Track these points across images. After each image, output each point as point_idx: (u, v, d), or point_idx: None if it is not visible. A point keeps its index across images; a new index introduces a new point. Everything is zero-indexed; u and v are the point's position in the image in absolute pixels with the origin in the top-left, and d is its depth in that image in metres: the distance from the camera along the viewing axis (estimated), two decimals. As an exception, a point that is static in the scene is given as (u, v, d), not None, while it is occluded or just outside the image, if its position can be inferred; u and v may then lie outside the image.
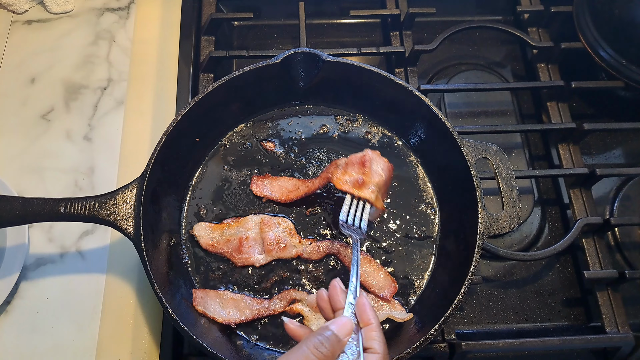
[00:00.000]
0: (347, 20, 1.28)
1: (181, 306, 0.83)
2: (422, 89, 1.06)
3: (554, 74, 1.16)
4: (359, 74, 0.96)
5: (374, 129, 1.03)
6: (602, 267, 0.99)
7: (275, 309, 0.88)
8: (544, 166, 1.13)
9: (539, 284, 1.03)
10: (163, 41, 1.16)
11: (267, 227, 0.92)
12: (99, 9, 1.18)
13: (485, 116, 1.18)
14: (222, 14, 1.18)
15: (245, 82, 0.95)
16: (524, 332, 0.99)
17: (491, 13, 1.29)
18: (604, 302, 0.97)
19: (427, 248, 0.94)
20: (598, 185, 1.07)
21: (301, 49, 0.95)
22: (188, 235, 0.94)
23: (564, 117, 1.12)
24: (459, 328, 0.99)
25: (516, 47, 1.27)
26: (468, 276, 0.80)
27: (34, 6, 1.18)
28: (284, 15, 1.27)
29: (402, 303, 0.90)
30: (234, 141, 1.02)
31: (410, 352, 0.77)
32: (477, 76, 1.22)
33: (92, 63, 1.12)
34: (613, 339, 0.93)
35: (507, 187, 0.88)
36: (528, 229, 1.08)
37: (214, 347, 0.77)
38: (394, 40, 1.18)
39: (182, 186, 0.97)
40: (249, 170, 0.99)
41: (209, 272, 0.91)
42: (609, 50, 1.08)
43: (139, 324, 0.92)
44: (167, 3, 1.20)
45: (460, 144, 0.89)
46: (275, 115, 1.04)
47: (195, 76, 1.12)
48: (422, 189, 0.99)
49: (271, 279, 0.91)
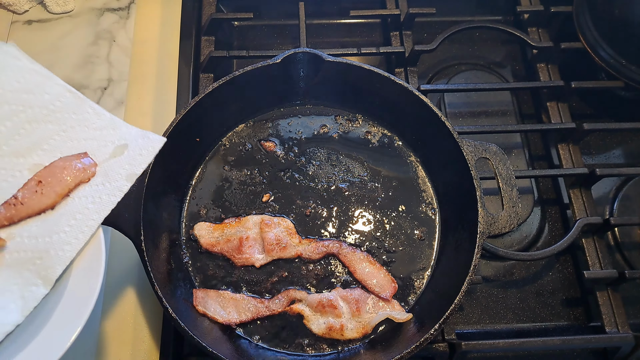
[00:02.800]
0: (347, 20, 1.28)
1: (181, 306, 0.84)
2: (422, 89, 1.06)
3: (554, 74, 1.16)
4: (359, 74, 0.96)
5: (374, 129, 1.03)
6: (602, 267, 0.99)
7: (275, 309, 0.88)
8: (544, 166, 1.13)
9: (539, 283, 1.03)
10: (163, 41, 1.16)
11: (267, 227, 0.92)
12: (99, 9, 1.18)
13: (485, 116, 1.18)
14: (222, 14, 1.18)
15: (245, 82, 0.95)
16: (524, 332, 0.99)
17: (491, 13, 1.29)
18: (603, 302, 0.97)
19: (427, 248, 0.94)
20: (598, 185, 1.07)
21: (301, 49, 0.95)
22: (188, 235, 0.94)
23: (563, 117, 1.12)
24: (459, 328, 0.99)
25: (516, 47, 1.27)
26: (468, 276, 0.80)
27: (34, 6, 1.18)
28: (284, 15, 1.27)
29: (401, 303, 0.90)
30: (234, 141, 1.02)
31: (410, 352, 0.77)
32: (477, 76, 1.22)
33: (92, 63, 1.12)
34: (613, 339, 0.93)
35: (507, 187, 0.88)
36: (528, 229, 1.08)
37: (214, 347, 0.77)
38: (394, 41, 1.18)
39: (182, 186, 0.97)
40: (249, 170, 0.99)
41: (209, 272, 0.91)
42: (609, 50, 1.07)
43: (139, 324, 0.92)
44: (167, 3, 1.20)
45: (460, 144, 0.89)
46: (275, 115, 1.04)
47: (195, 76, 1.12)
48: (422, 189, 0.99)
49: (271, 279, 0.91)
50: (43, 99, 0.84)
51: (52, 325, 0.69)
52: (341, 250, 0.91)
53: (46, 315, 0.71)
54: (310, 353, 0.86)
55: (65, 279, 0.74)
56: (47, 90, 0.85)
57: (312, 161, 1.00)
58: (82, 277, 0.73)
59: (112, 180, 0.80)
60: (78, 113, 0.85)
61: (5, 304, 0.71)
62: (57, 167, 0.79)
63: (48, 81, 0.86)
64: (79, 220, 0.76)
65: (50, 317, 0.70)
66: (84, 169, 0.79)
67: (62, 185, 0.77)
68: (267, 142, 1.02)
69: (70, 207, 0.78)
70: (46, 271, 0.73)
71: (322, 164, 1.00)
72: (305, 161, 1.00)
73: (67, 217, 0.77)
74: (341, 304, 0.87)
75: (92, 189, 0.79)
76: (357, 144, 1.02)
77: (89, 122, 0.85)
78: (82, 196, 0.79)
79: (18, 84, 0.84)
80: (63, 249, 0.74)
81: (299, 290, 0.90)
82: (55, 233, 0.75)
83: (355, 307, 0.87)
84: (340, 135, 1.03)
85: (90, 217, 0.77)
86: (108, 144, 0.84)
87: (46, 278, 0.73)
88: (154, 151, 0.84)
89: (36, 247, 0.75)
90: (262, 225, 0.92)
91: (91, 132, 0.84)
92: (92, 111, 0.86)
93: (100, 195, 0.79)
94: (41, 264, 0.74)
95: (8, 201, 0.76)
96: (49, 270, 0.73)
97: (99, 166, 0.81)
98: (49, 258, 0.74)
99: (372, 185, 0.98)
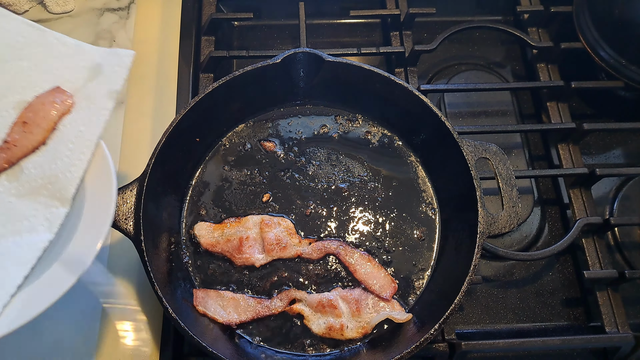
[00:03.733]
0: (347, 20, 1.28)
1: (181, 306, 0.84)
2: (422, 89, 1.06)
3: (553, 74, 1.16)
4: (359, 74, 0.96)
5: (374, 129, 1.03)
6: (602, 267, 0.99)
7: (275, 309, 0.88)
8: (544, 166, 1.13)
9: (539, 283, 1.03)
10: (163, 41, 1.16)
11: (267, 227, 0.92)
12: (99, 9, 1.18)
13: (485, 116, 1.18)
14: (222, 14, 1.18)
15: (245, 82, 0.95)
16: (524, 332, 0.99)
17: (491, 13, 1.29)
18: (603, 302, 0.97)
19: (427, 248, 0.94)
20: (598, 185, 1.08)
21: (301, 49, 0.95)
22: (188, 235, 0.94)
23: (563, 117, 1.12)
24: (459, 328, 0.99)
25: (516, 47, 1.27)
26: (468, 276, 0.80)
27: (34, 6, 1.18)
28: (284, 15, 1.27)
29: (401, 303, 0.90)
30: (234, 141, 1.02)
31: (410, 352, 0.77)
32: (477, 76, 1.22)
33: (92, 63, 1.12)
34: (613, 339, 0.93)
35: (507, 187, 0.88)
36: (528, 229, 1.08)
37: (214, 347, 0.77)
38: (394, 40, 1.18)
39: (182, 186, 0.97)
40: (249, 170, 0.99)
41: (209, 271, 0.91)
42: (609, 50, 1.07)
43: (139, 324, 0.92)
44: (167, 3, 1.20)
45: (460, 144, 0.89)
46: (275, 115, 1.04)
47: (195, 76, 1.12)
48: (422, 189, 0.99)
49: (271, 278, 0.91)
50: (5, 37, 0.87)
51: (80, 233, 0.76)
52: (341, 250, 0.91)
53: (72, 227, 0.78)
54: (310, 353, 0.86)
55: (81, 195, 0.80)
56: (6, 27, 0.88)
57: (312, 161, 1.00)
58: (97, 189, 0.80)
59: (96, 102, 0.84)
60: (43, 45, 0.87)
61: (34, 226, 0.78)
62: (36, 105, 0.83)
63: (4, 19, 0.88)
64: (76, 144, 0.81)
65: (76, 228, 0.77)
66: (62, 102, 0.83)
67: (46, 120, 0.82)
68: (267, 142, 1.02)
69: (63, 136, 0.82)
70: (60, 192, 0.79)
71: (322, 164, 1.00)
72: (305, 161, 1.00)
73: (64, 143, 0.82)
74: (341, 304, 0.87)
75: (78, 114, 0.83)
76: (357, 144, 1.02)
77: (57, 52, 0.87)
78: (71, 122, 0.83)
79: None
80: (70, 170, 0.80)
81: (299, 290, 0.90)
82: (59, 159, 0.80)
83: (355, 307, 0.87)
84: (340, 135, 1.03)
85: (86, 138, 0.81)
86: (80, 68, 0.87)
87: (62, 199, 0.79)
88: (126, 66, 0.87)
89: (44, 174, 0.80)
90: (262, 225, 0.92)
91: (61, 61, 0.87)
92: (57, 41, 0.88)
93: (89, 117, 0.83)
94: (53, 187, 0.80)
95: (1, 147, 0.81)
96: (63, 191, 0.79)
97: (79, 91, 0.85)
98: (58, 181, 0.79)
99: (372, 185, 0.98)
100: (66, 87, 0.85)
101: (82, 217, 0.78)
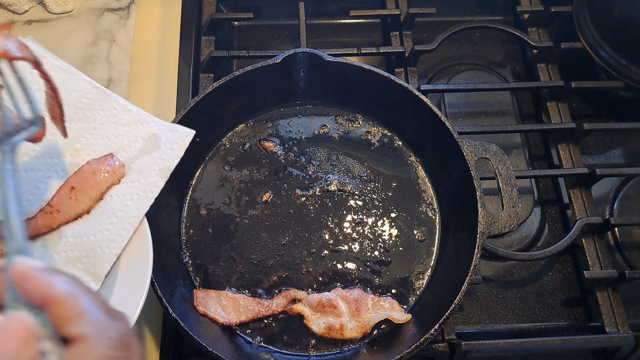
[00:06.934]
0: (347, 20, 1.28)
1: (181, 306, 0.84)
2: (422, 89, 1.06)
3: (554, 74, 1.16)
4: (359, 74, 0.96)
5: (374, 129, 1.03)
6: (602, 267, 0.99)
7: (275, 309, 0.88)
8: (544, 166, 1.13)
9: (539, 284, 1.03)
10: (163, 41, 1.16)
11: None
12: (99, 9, 1.18)
13: (485, 116, 1.18)
14: (222, 14, 1.18)
15: (246, 82, 0.95)
16: (524, 332, 0.99)
17: (491, 13, 1.29)
18: (604, 302, 0.97)
19: (427, 248, 0.94)
20: (598, 185, 1.07)
21: (301, 49, 0.95)
22: (188, 235, 0.94)
23: (563, 117, 1.12)
24: (459, 328, 0.99)
25: (516, 47, 1.27)
26: (468, 276, 0.80)
27: (34, 6, 1.18)
28: (284, 15, 1.27)
29: (401, 303, 0.90)
30: (234, 141, 1.02)
31: (410, 352, 0.77)
32: (477, 76, 1.22)
33: (92, 63, 1.12)
34: (613, 339, 0.93)
35: (507, 187, 0.88)
36: (528, 229, 1.08)
37: (214, 347, 0.77)
38: (394, 41, 1.18)
39: (182, 186, 0.97)
40: (249, 170, 0.99)
41: (209, 271, 0.91)
42: (609, 50, 1.07)
43: (139, 324, 0.92)
44: (167, 3, 1.20)
45: (460, 144, 0.89)
46: (275, 115, 1.04)
47: (195, 76, 1.12)
48: (422, 189, 0.99)
49: (271, 278, 0.91)
50: (71, 96, 0.84)
51: None
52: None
53: None
54: (311, 353, 0.86)
55: (114, 274, 0.76)
56: (74, 88, 0.85)
57: (312, 161, 1.00)
58: (131, 270, 0.75)
59: (147, 177, 0.80)
60: (106, 109, 0.84)
61: None
62: (87, 171, 0.79)
63: (74, 77, 0.85)
64: (120, 218, 0.77)
65: None
66: (113, 171, 0.79)
67: (94, 189, 0.78)
68: (267, 142, 1.02)
69: (108, 207, 0.78)
70: (94, 268, 0.75)
71: (322, 164, 1.00)
72: (305, 161, 1.00)
73: (107, 215, 0.78)
74: (341, 304, 0.87)
75: (128, 186, 0.80)
76: (357, 144, 1.02)
77: (117, 118, 0.84)
78: (119, 194, 0.79)
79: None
80: (109, 246, 0.76)
81: (299, 291, 0.90)
82: (99, 231, 0.77)
83: (355, 306, 0.87)
84: (340, 135, 1.03)
85: (131, 214, 0.77)
86: (138, 139, 0.83)
87: (95, 275, 0.75)
88: (184, 145, 0.83)
89: (82, 245, 0.76)
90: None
91: (120, 128, 0.83)
92: (119, 107, 0.85)
93: (137, 191, 0.79)
94: (89, 261, 0.76)
95: (44, 209, 0.77)
96: (97, 267, 0.75)
97: (133, 162, 0.81)
98: (95, 256, 0.75)
99: (372, 185, 0.98)
100: (120, 155, 0.81)
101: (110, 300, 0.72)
